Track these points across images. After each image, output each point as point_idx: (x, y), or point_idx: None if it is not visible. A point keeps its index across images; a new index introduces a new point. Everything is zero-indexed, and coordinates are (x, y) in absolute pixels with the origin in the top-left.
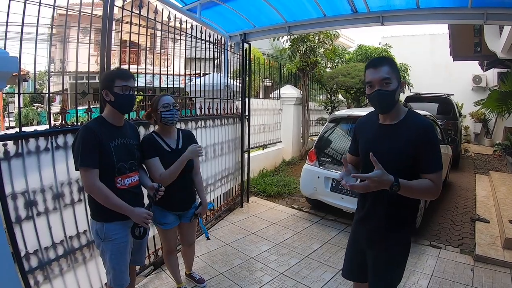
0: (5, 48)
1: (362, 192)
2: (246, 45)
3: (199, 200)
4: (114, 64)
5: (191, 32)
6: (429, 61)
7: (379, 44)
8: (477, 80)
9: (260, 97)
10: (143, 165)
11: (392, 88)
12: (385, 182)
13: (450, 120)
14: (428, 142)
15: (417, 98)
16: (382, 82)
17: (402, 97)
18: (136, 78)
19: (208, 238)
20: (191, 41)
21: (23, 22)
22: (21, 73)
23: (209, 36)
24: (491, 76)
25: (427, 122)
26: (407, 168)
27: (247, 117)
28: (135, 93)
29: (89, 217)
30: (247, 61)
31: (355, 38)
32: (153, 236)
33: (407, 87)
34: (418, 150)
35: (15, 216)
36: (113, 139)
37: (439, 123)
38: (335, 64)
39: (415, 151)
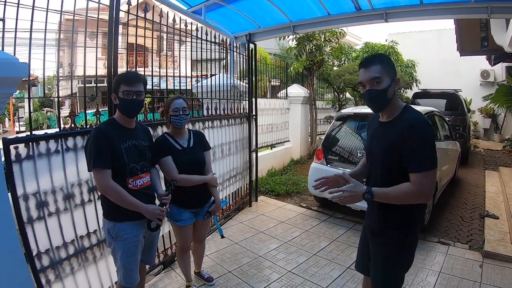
0: (14, 54)
1: (342, 204)
2: (251, 45)
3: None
4: (122, 67)
5: (197, 34)
6: (436, 56)
7: (386, 41)
8: (485, 75)
9: (268, 96)
10: (156, 167)
11: (382, 87)
12: (358, 193)
13: (458, 116)
14: (411, 139)
15: (425, 94)
16: (373, 82)
17: (410, 93)
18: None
19: (222, 236)
20: (196, 43)
21: (31, 28)
22: (31, 78)
23: (215, 38)
24: (499, 70)
25: (416, 118)
26: (398, 166)
27: (254, 117)
28: (143, 96)
29: (100, 217)
30: (253, 61)
31: (362, 35)
32: (162, 235)
33: (415, 83)
34: (403, 147)
35: (27, 216)
36: (124, 141)
37: (447, 119)
38: (342, 62)
39: (400, 147)
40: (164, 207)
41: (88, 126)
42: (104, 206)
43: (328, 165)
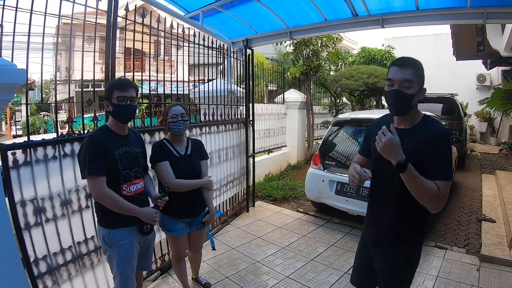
0: (12, 58)
1: (379, 148)
2: (249, 51)
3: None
4: (119, 72)
5: (194, 39)
6: (433, 61)
7: (382, 45)
8: (481, 79)
9: (265, 101)
10: (149, 173)
11: (411, 92)
12: (396, 150)
13: (455, 120)
14: (436, 149)
15: (421, 99)
16: (403, 83)
17: None
18: (140, 86)
19: (213, 248)
20: (194, 48)
21: (29, 32)
22: (28, 82)
23: (212, 43)
24: (495, 74)
25: (440, 129)
26: None
27: (251, 122)
28: (136, 102)
29: (97, 223)
30: (250, 67)
31: (358, 40)
32: (160, 241)
33: None
34: (424, 157)
35: (24, 222)
36: (118, 148)
37: (444, 123)
38: (339, 67)
39: (418, 158)
40: (158, 209)
41: (85, 132)
42: (99, 213)
43: (325, 171)
